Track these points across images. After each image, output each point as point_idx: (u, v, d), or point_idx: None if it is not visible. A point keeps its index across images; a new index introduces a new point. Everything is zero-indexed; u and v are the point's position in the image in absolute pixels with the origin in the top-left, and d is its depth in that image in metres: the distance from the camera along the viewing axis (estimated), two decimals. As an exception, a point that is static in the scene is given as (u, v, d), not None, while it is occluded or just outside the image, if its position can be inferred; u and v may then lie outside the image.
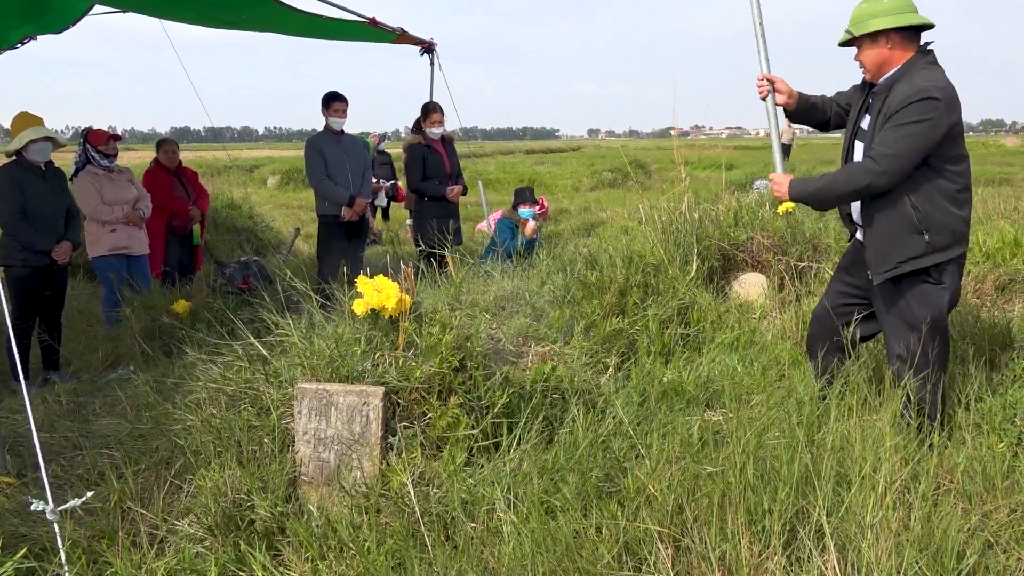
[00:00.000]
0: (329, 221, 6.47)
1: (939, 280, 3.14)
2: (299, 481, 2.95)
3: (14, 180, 5.15)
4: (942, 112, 2.95)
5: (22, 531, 2.88)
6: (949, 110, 2.98)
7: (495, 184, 20.68)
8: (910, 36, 3.12)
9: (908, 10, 3.10)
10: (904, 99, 2.98)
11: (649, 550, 2.35)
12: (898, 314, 3.21)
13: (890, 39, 3.10)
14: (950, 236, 3.07)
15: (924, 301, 3.14)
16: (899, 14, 3.07)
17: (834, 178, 3.18)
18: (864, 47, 3.16)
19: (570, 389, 3.25)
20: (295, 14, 5.82)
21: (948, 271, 3.14)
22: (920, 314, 3.14)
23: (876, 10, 3.10)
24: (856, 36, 3.15)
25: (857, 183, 3.07)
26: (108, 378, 5.02)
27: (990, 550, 2.46)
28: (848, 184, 3.11)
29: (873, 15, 3.10)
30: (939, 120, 2.95)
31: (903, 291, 3.18)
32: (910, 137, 2.96)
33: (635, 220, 6.40)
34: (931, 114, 2.94)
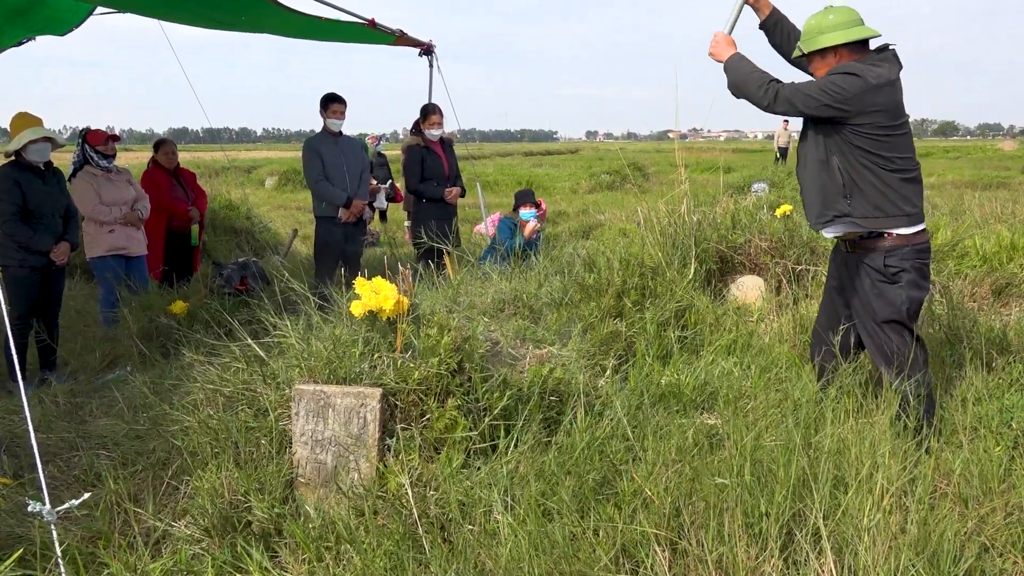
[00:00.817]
0: (327, 222, 6.47)
1: (892, 279, 3.22)
2: (296, 483, 2.94)
3: (13, 180, 5.15)
4: (859, 92, 3.05)
5: (19, 532, 2.87)
6: (868, 93, 3.06)
7: (493, 186, 20.69)
8: (858, 48, 3.20)
9: (854, 23, 3.19)
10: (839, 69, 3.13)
11: (646, 553, 2.35)
12: (865, 314, 3.33)
13: (838, 53, 3.20)
14: (872, 209, 3.17)
15: (884, 300, 3.25)
16: (846, 29, 3.16)
17: (750, 73, 3.28)
18: (815, 62, 3.28)
19: (567, 391, 3.25)
20: (294, 16, 5.81)
21: (904, 270, 3.20)
22: (882, 313, 3.25)
23: (824, 26, 3.20)
24: (806, 53, 3.27)
25: (755, 88, 3.22)
26: (105, 379, 5.01)
27: (986, 553, 2.46)
28: (749, 82, 3.25)
29: (821, 31, 3.20)
30: (851, 95, 3.05)
31: (867, 292, 3.29)
32: (819, 89, 3.10)
33: (633, 223, 6.42)
34: (846, 83, 3.06)
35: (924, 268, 3.26)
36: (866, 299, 3.30)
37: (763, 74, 3.26)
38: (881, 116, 3.12)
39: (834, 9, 3.24)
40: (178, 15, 6.25)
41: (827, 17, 3.21)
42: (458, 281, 4.32)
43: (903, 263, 3.20)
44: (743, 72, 3.30)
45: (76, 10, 6.29)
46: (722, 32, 3.53)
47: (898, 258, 3.20)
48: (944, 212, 8.69)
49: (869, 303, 3.29)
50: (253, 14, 5.94)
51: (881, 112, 3.11)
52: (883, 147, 3.16)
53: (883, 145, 3.15)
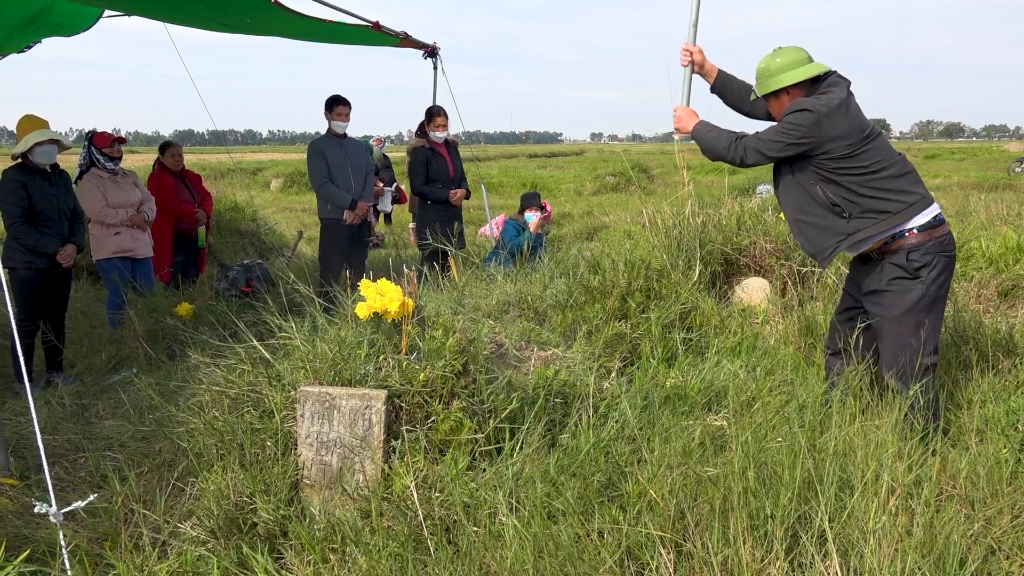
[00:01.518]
0: (331, 224, 6.48)
1: (914, 275, 3.23)
2: (301, 484, 2.95)
3: (19, 183, 5.17)
4: (814, 125, 3.18)
5: (25, 533, 2.88)
6: (824, 125, 3.18)
7: (498, 188, 20.70)
8: (809, 83, 3.33)
9: (802, 63, 3.33)
10: (790, 109, 3.26)
11: (651, 555, 2.35)
12: (881, 310, 3.33)
13: (790, 92, 3.35)
14: (877, 215, 3.23)
15: (900, 297, 3.26)
16: (795, 69, 3.31)
17: (716, 137, 3.43)
18: (771, 103, 3.45)
19: (572, 393, 3.25)
20: (298, 18, 5.83)
21: (928, 265, 3.22)
22: (898, 310, 3.26)
23: (773, 68, 3.36)
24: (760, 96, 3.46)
25: (724, 149, 3.37)
26: (111, 380, 5.03)
27: (993, 556, 2.45)
28: (717, 145, 3.40)
29: (771, 74, 3.36)
30: (808, 131, 3.19)
31: (884, 288, 3.30)
32: (777, 132, 3.25)
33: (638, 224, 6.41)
34: (802, 125, 3.19)
35: (949, 264, 3.29)
36: (883, 295, 3.30)
37: (728, 134, 3.42)
38: (843, 138, 3.21)
39: (782, 51, 3.37)
40: (183, 18, 6.28)
41: (775, 60, 3.36)
42: (463, 283, 4.33)
43: (926, 257, 3.23)
44: (710, 137, 3.46)
45: (84, 15, 6.33)
46: (681, 105, 3.75)
47: (921, 252, 3.23)
48: (950, 214, 8.67)
49: (885, 298, 3.30)
50: (258, 16, 5.96)
51: (842, 136, 3.21)
52: (858, 159, 3.23)
53: (858, 157, 3.23)
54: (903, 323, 3.26)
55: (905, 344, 3.24)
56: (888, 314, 3.29)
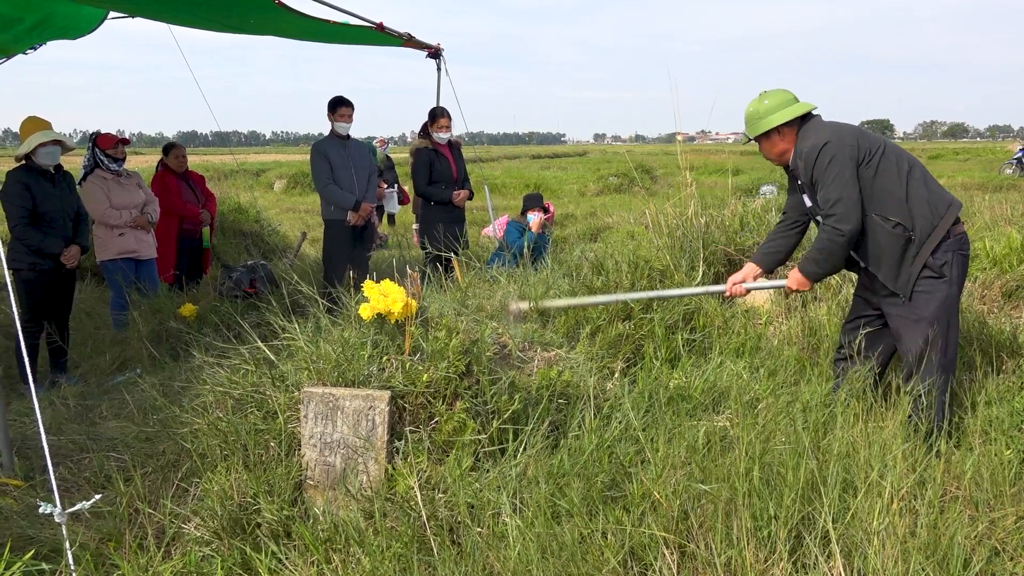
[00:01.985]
0: (335, 225, 6.49)
1: (940, 273, 3.26)
2: (305, 485, 2.95)
3: (23, 184, 5.18)
4: (838, 149, 3.27)
5: (30, 533, 2.89)
6: (842, 143, 3.29)
7: (501, 189, 20.71)
8: (795, 122, 3.45)
9: (788, 104, 3.45)
10: (807, 164, 3.34)
11: (654, 556, 2.35)
12: (907, 314, 3.32)
13: (781, 132, 3.47)
14: (930, 217, 3.26)
15: (929, 297, 3.27)
16: (782, 110, 3.43)
17: (819, 252, 3.38)
18: (762, 144, 3.56)
19: (576, 394, 3.25)
20: (302, 19, 5.84)
21: (948, 263, 3.26)
22: (927, 311, 3.27)
23: (761, 111, 3.48)
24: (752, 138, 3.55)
25: (836, 243, 3.30)
26: (115, 381, 5.04)
27: (997, 557, 2.45)
28: (832, 249, 3.33)
29: (760, 117, 3.47)
30: (841, 153, 3.26)
31: (913, 290, 3.29)
32: (836, 179, 3.25)
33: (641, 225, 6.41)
34: (833, 153, 3.27)
35: (966, 261, 3.35)
36: (912, 295, 3.30)
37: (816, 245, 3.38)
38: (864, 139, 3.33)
39: (768, 94, 3.50)
40: (187, 18, 6.29)
41: (763, 103, 3.47)
42: (466, 284, 4.33)
43: (947, 255, 3.27)
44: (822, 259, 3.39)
45: (88, 18, 6.34)
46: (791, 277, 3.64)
47: (943, 251, 3.27)
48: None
49: (915, 303, 3.29)
50: (261, 17, 5.97)
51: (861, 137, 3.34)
52: (888, 162, 3.30)
53: (886, 159, 3.31)
54: (935, 324, 3.26)
55: (933, 344, 3.25)
56: (918, 315, 3.29)
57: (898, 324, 3.37)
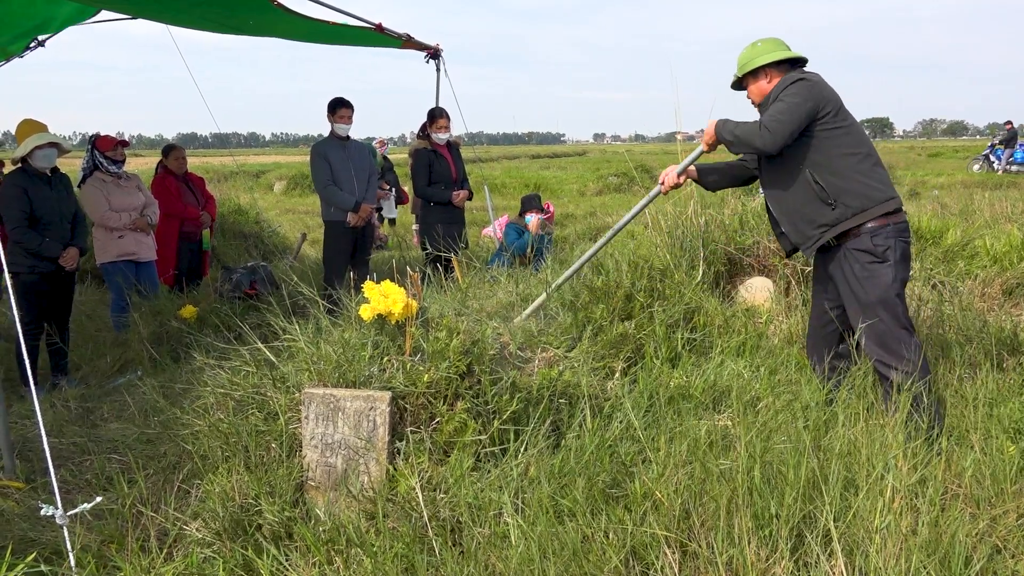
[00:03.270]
0: (335, 226, 6.49)
1: (883, 257, 3.35)
2: (306, 486, 2.95)
3: (20, 187, 5.18)
4: (811, 87, 3.37)
5: (32, 535, 2.89)
6: (819, 88, 3.39)
7: (501, 189, 20.70)
8: (785, 69, 3.56)
9: (781, 48, 3.59)
10: (779, 87, 3.46)
11: (656, 555, 2.35)
12: (855, 300, 3.42)
13: (768, 73, 3.58)
14: (860, 199, 3.35)
15: (874, 281, 3.35)
16: (772, 52, 3.57)
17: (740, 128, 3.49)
18: (749, 84, 3.66)
19: (576, 394, 3.25)
20: (301, 20, 5.84)
21: (891, 248, 3.34)
22: (872, 294, 3.35)
23: (754, 53, 3.62)
24: (741, 76, 3.65)
25: (752, 140, 3.43)
26: (116, 383, 5.04)
27: (998, 555, 2.45)
28: (749, 136, 3.44)
29: (752, 57, 3.61)
30: (810, 93, 3.36)
31: (855, 276, 3.39)
32: (789, 106, 3.35)
33: (641, 225, 6.40)
34: (805, 88, 3.37)
35: (907, 248, 3.43)
36: (855, 284, 3.40)
37: (749, 122, 3.49)
38: (833, 101, 3.41)
39: (762, 39, 3.65)
40: (185, 19, 6.29)
41: (756, 46, 3.63)
42: (466, 284, 4.33)
43: (888, 241, 3.35)
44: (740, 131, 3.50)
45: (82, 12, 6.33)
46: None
47: (883, 236, 3.35)
48: (954, 212, 8.66)
49: (859, 287, 3.38)
50: (260, 18, 5.97)
51: (832, 99, 3.41)
52: (850, 139, 3.41)
53: (849, 138, 3.41)
54: (883, 307, 3.33)
55: (888, 328, 3.32)
56: (867, 299, 3.36)
57: (853, 315, 3.45)
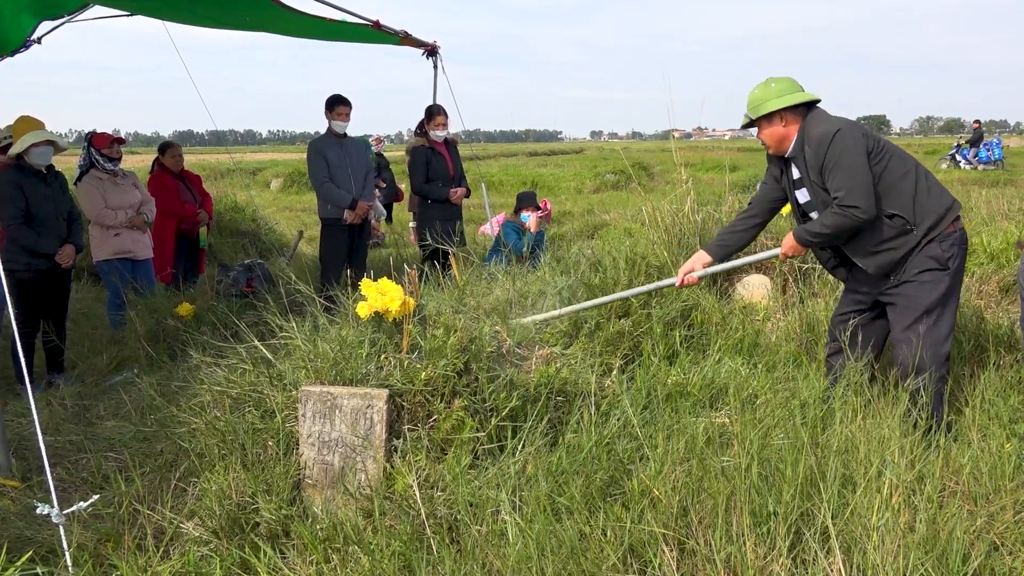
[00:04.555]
0: (332, 224, 6.48)
1: (945, 265, 3.31)
2: (303, 484, 2.95)
3: (15, 184, 5.16)
4: (850, 136, 3.27)
5: (28, 534, 2.88)
6: (854, 130, 3.31)
7: (498, 186, 20.69)
8: (800, 110, 3.45)
9: (795, 90, 3.46)
10: (818, 148, 3.31)
11: (654, 552, 2.34)
12: (908, 304, 3.35)
13: (784, 117, 3.45)
14: (934, 215, 3.31)
15: (932, 287, 3.31)
16: (788, 95, 3.43)
17: (826, 227, 3.35)
18: (763, 127, 3.53)
19: (574, 391, 3.25)
20: (298, 16, 5.83)
21: (953, 256, 3.31)
22: (929, 300, 3.31)
23: (768, 94, 3.46)
24: (754, 119, 3.52)
25: (850, 223, 3.28)
26: (112, 381, 5.03)
27: (996, 552, 2.45)
28: (843, 228, 3.31)
29: (766, 99, 3.46)
30: (856, 142, 3.27)
31: (912, 279, 3.33)
32: (852, 166, 3.25)
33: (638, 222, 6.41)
34: (847, 141, 3.26)
35: (965, 254, 3.41)
36: (912, 286, 3.34)
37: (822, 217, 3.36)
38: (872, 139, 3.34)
39: (775, 79, 3.50)
40: (183, 16, 6.28)
41: (770, 86, 3.47)
42: (464, 282, 4.32)
43: (953, 248, 3.32)
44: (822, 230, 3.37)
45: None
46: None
47: (950, 243, 3.32)
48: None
49: (916, 289, 3.33)
50: (258, 15, 5.96)
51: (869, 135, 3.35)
52: (898, 161, 3.34)
53: (897, 160, 3.34)
54: (932, 315, 3.30)
55: (928, 335, 3.29)
56: (916, 305, 3.32)
57: (898, 314, 3.40)
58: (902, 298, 3.37)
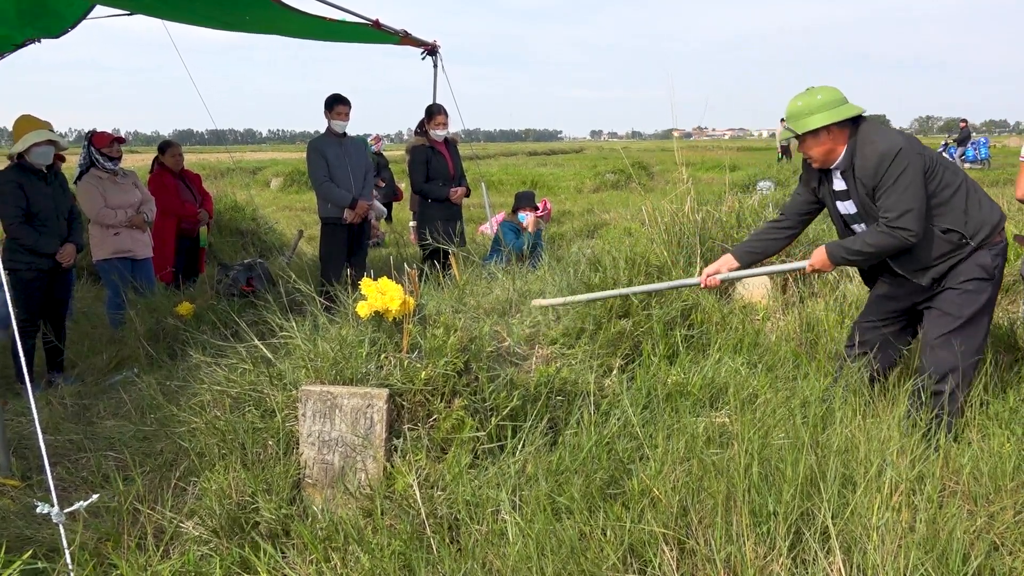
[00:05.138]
0: (332, 223, 6.48)
1: (991, 275, 3.26)
2: (303, 483, 2.95)
3: (16, 183, 5.17)
4: (911, 154, 3.13)
5: (28, 533, 2.88)
6: (912, 147, 3.17)
7: (498, 186, 20.70)
8: (846, 124, 3.26)
9: (841, 103, 3.25)
10: (877, 166, 3.15)
11: (654, 552, 2.35)
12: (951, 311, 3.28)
13: (831, 132, 3.24)
14: (988, 227, 3.23)
15: (976, 296, 3.25)
16: (834, 109, 3.22)
17: (869, 245, 3.23)
18: (808, 142, 3.30)
19: (574, 391, 3.25)
20: (298, 16, 5.83)
21: (998, 266, 3.28)
22: (971, 309, 3.25)
23: (812, 106, 3.23)
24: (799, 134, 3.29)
25: (896, 244, 3.18)
26: (112, 380, 5.03)
27: (995, 552, 2.45)
28: (888, 248, 3.21)
29: (810, 112, 3.23)
30: (915, 162, 3.13)
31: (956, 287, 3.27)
32: (910, 188, 3.12)
33: (638, 222, 6.41)
34: (908, 160, 3.12)
35: (1004, 265, 3.37)
36: (955, 293, 3.26)
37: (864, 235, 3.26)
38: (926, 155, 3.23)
39: (820, 89, 3.29)
40: (183, 15, 6.27)
41: (815, 97, 3.25)
42: (464, 281, 4.32)
43: (998, 259, 3.30)
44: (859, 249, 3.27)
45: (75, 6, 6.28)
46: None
47: (996, 252, 3.29)
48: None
49: (959, 298, 3.26)
50: (257, 14, 5.96)
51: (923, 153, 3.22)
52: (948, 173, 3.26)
53: (947, 172, 3.26)
54: (972, 324, 3.25)
55: (965, 344, 3.23)
56: (958, 314, 3.25)
57: (936, 320, 3.32)
58: (944, 304, 3.28)
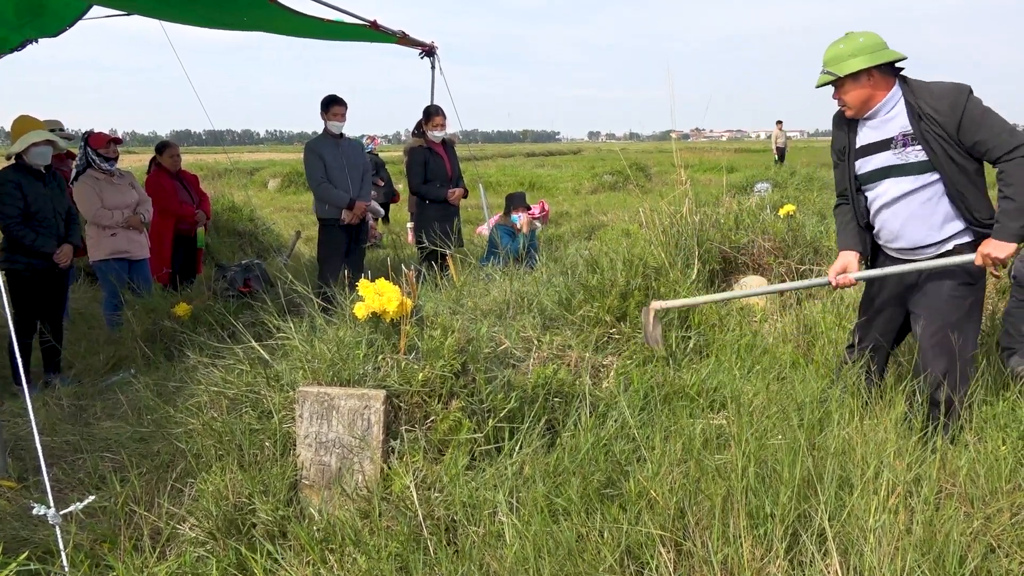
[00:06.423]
0: (329, 224, 6.48)
1: (975, 280, 3.22)
2: (300, 485, 2.94)
3: (14, 183, 5.16)
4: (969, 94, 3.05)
5: (24, 535, 2.88)
6: None
7: (496, 187, 20.69)
8: (887, 70, 3.17)
9: (883, 47, 3.15)
10: (955, 99, 3.03)
11: (651, 554, 2.35)
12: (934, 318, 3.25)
13: (872, 76, 3.14)
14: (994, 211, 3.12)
15: (961, 302, 3.21)
16: (877, 51, 3.13)
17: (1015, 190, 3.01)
18: (847, 86, 3.19)
19: (571, 393, 3.25)
20: (296, 16, 5.83)
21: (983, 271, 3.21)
22: (956, 314, 3.21)
23: (855, 49, 3.13)
24: (840, 76, 3.17)
25: None
26: (109, 381, 5.02)
27: (992, 554, 2.45)
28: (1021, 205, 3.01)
29: (853, 54, 3.13)
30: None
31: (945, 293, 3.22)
32: (996, 116, 3.04)
33: (636, 223, 6.41)
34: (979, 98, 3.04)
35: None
36: (942, 301, 3.22)
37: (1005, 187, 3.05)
38: None
39: (862, 33, 3.18)
40: (180, 15, 6.27)
41: (857, 40, 3.15)
42: (461, 283, 4.32)
43: None
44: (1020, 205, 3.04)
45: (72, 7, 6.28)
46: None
47: None
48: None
49: (945, 305, 3.22)
50: (255, 15, 5.96)
51: None
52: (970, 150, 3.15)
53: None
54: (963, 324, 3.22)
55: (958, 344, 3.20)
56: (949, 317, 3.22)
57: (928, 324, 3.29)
58: (934, 306, 3.25)
